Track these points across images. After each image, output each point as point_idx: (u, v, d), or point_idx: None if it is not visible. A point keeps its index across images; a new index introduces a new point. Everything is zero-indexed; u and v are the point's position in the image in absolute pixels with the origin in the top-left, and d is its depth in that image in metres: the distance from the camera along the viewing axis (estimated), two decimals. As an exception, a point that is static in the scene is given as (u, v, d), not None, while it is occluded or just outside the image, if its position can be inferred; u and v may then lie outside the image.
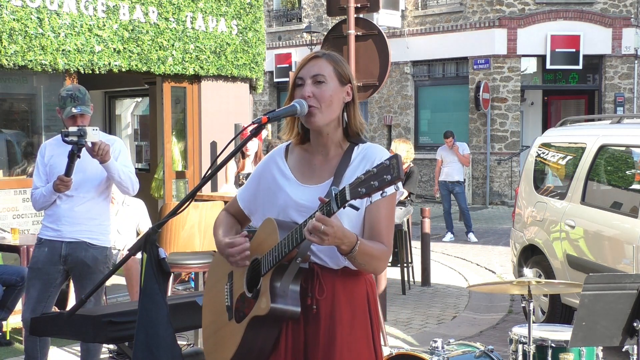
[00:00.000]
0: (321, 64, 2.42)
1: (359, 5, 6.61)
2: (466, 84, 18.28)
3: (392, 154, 2.06)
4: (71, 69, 7.10)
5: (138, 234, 6.63)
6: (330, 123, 2.41)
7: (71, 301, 5.79)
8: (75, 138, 4.16)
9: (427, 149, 18.28)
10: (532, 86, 18.54)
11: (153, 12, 7.80)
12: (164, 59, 7.88)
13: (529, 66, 18.27)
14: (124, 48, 7.51)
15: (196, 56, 8.24)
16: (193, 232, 5.48)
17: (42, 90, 7.96)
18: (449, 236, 12.34)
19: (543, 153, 6.92)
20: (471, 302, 7.73)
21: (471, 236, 12.23)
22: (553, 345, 3.78)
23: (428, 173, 17.94)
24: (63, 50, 6.98)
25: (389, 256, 2.40)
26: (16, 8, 6.65)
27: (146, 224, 6.65)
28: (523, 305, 6.25)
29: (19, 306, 5.55)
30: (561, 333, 3.91)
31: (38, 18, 6.80)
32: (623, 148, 6.00)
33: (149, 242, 2.67)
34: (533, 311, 3.86)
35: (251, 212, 2.59)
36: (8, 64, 6.61)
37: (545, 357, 3.78)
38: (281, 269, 2.28)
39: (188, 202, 2.59)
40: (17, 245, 5.97)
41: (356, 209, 2.10)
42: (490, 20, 17.78)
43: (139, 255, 2.71)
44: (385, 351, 3.57)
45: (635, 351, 3.29)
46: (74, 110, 4.32)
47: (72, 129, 4.18)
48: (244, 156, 6.52)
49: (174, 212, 2.58)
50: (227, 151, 2.60)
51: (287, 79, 15.31)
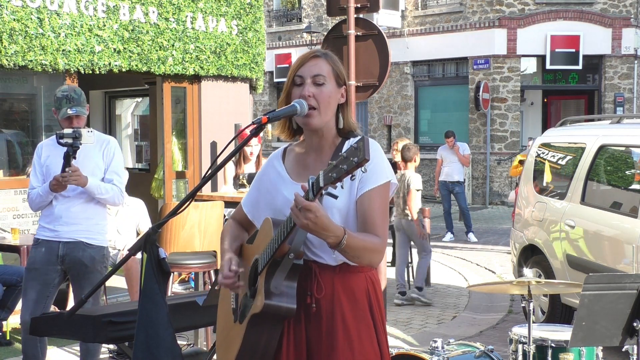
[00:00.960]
0: (321, 64, 2.43)
1: (359, 5, 6.61)
2: (466, 84, 18.28)
3: (360, 137, 2.05)
4: (71, 69, 7.10)
5: (138, 234, 6.63)
6: (326, 123, 2.43)
7: (71, 301, 5.79)
8: (70, 140, 4.17)
9: (427, 149, 18.27)
10: (532, 86, 18.54)
11: (153, 12, 7.80)
12: (164, 59, 7.89)
13: (529, 66, 18.27)
14: (124, 48, 7.51)
15: (196, 56, 8.24)
16: (193, 232, 5.48)
17: (42, 90, 7.96)
18: (449, 236, 12.34)
19: (543, 153, 6.92)
20: (471, 302, 7.73)
21: (471, 236, 12.23)
22: (553, 345, 3.78)
23: (428, 173, 17.93)
24: (63, 50, 6.98)
25: (384, 247, 2.39)
26: (16, 8, 6.65)
27: (146, 224, 6.65)
28: (523, 305, 6.26)
29: (19, 306, 5.54)
30: (561, 333, 3.91)
31: (38, 18, 6.80)
32: (623, 148, 6.00)
33: (149, 242, 2.67)
34: (533, 311, 3.86)
35: (255, 218, 2.59)
36: (8, 64, 6.62)
37: (545, 357, 3.78)
38: (274, 266, 2.29)
39: (188, 202, 2.59)
40: (17, 245, 5.98)
41: (334, 197, 2.09)
42: (490, 20, 17.78)
43: (139, 255, 2.71)
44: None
45: (635, 351, 3.29)
46: (70, 111, 4.31)
47: (67, 131, 4.19)
48: (246, 160, 6.46)
49: (174, 212, 2.59)
50: (227, 151, 2.60)
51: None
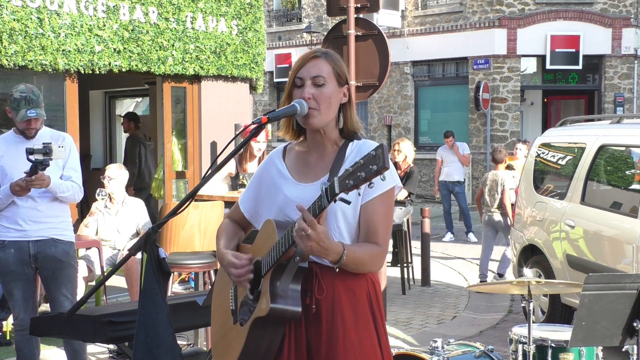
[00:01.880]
0: (321, 65, 2.41)
1: (359, 5, 6.61)
2: (466, 84, 18.28)
3: (378, 144, 2.05)
4: (71, 69, 7.10)
5: (138, 234, 6.63)
6: (327, 124, 2.41)
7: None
8: (40, 157, 4.09)
9: (427, 149, 18.28)
10: (532, 86, 18.53)
11: (153, 12, 7.80)
12: (164, 59, 7.88)
13: (529, 66, 18.26)
14: (124, 48, 7.51)
15: (196, 56, 8.24)
16: (193, 232, 5.48)
17: (42, 90, 7.93)
18: (449, 236, 12.34)
19: (543, 153, 6.92)
20: (471, 302, 7.73)
21: (471, 236, 12.23)
22: (553, 345, 3.78)
23: (428, 173, 17.93)
24: (63, 50, 6.98)
25: (384, 256, 2.39)
26: (16, 8, 6.65)
27: (146, 224, 6.65)
28: (523, 305, 6.25)
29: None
30: (561, 333, 3.91)
31: (38, 18, 6.80)
32: (623, 148, 6.00)
33: (149, 242, 2.67)
34: (533, 311, 3.86)
35: (253, 217, 2.58)
36: (8, 64, 6.61)
37: (545, 357, 3.78)
38: (280, 269, 2.27)
39: (188, 202, 2.59)
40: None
41: (347, 203, 2.09)
42: (490, 20, 17.78)
43: (139, 255, 2.71)
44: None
45: (635, 351, 3.29)
46: (29, 114, 4.26)
47: (38, 147, 4.10)
48: (251, 157, 6.39)
49: (174, 212, 2.58)
50: (227, 151, 2.60)
51: (287, 79, 15.35)
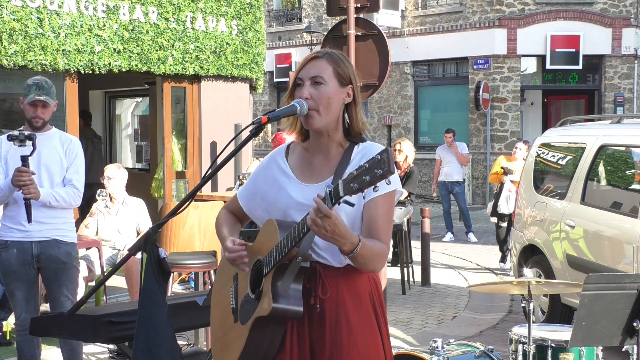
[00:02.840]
0: (321, 65, 2.40)
1: (359, 5, 6.61)
2: (466, 84, 18.28)
3: (383, 148, 2.05)
4: (71, 69, 7.10)
5: (138, 234, 6.64)
6: (329, 124, 2.39)
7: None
8: (17, 143, 4.17)
9: (427, 149, 18.28)
10: (532, 86, 18.54)
11: (153, 12, 7.80)
12: (164, 59, 7.88)
13: (529, 66, 18.27)
14: (124, 48, 7.51)
15: (196, 56, 8.24)
16: (193, 232, 5.48)
17: (42, 90, 7.95)
18: (449, 236, 12.34)
19: (543, 153, 6.92)
20: (471, 302, 7.73)
21: (471, 236, 12.23)
22: (553, 345, 3.78)
23: (428, 173, 17.93)
24: (63, 50, 6.98)
25: (387, 254, 2.40)
26: (16, 8, 6.65)
27: (146, 224, 6.65)
28: (523, 305, 6.25)
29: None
30: (561, 333, 3.91)
31: (38, 18, 6.80)
32: (623, 148, 6.00)
33: (149, 242, 2.67)
34: (533, 311, 3.86)
35: (250, 210, 2.58)
36: (8, 64, 6.61)
37: (545, 357, 3.78)
38: (282, 269, 2.27)
39: (188, 202, 2.59)
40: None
41: (351, 205, 2.09)
42: (490, 20, 17.78)
43: (139, 255, 2.71)
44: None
45: (635, 351, 3.29)
46: (38, 97, 4.30)
47: (14, 133, 4.17)
48: None
49: (174, 212, 2.58)
50: (227, 151, 2.59)
51: (287, 79, 15.29)
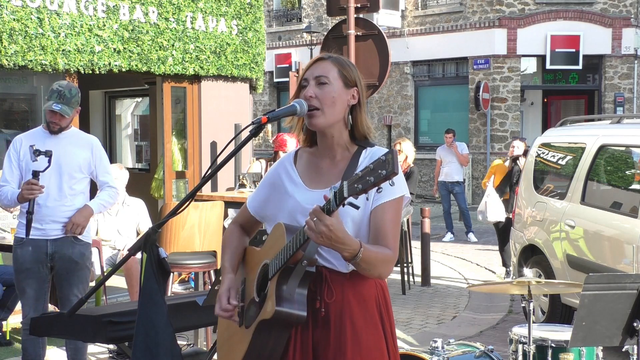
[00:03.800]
0: (326, 66, 2.41)
1: (359, 5, 6.62)
2: (466, 84, 18.28)
3: (388, 149, 2.05)
4: (71, 69, 7.10)
5: (138, 234, 6.64)
6: (334, 125, 2.39)
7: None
8: (39, 160, 4.23)
9: (427, 149, 18.28)
10: (532, 86, 18.54)
11: (153, 12, 7.80)
12: (164, 59, 7.88)
13: (529, 66, 18.27)
14: (124, 48, 7.51)
15: (196, 56, 8.24)
16: (193, 232, 5.48)
17: (42, 90, 7.96)
18: (449, 236, 12.34)
19: (543, 153, 6.92)
20: (471, 302, 7.73)
21: (471, 236, 12.23)
22: (553, 345, 3.78)
23: (428, 173, 17.93)
24: (63, 50, 6.98)
25: (395, 260, 2.36)
26: (16, 8, 6.65)
27: (146, 224, 6.65)
28: (523, 305, 6.25)
29: (19, 306, 5.54)
30: (561, 333, 3.91)
31: (38, 18, 6.80)
32: (623, 148, 6.00)
33: (149, 242, 2.67)
34: (533, 311, 3.86)
35: (262, 218, 2.57)
36: (8, 64, 6.62)
37: (545, 357, 3.78)
38: (287, 272, 2.26)
39: (188, 202, 2.59)
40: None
41: (356, 208, 2.08)
42: (490, 20, 17.78)
43: (139, 255, 2.71)
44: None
45: (635, 351, 3.29)
46: (54, 106, 4.31)
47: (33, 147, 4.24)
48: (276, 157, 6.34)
49: (174, 212, 2.58)
50: (227, 151, 2.59)
51: (287, 79, 15.30)
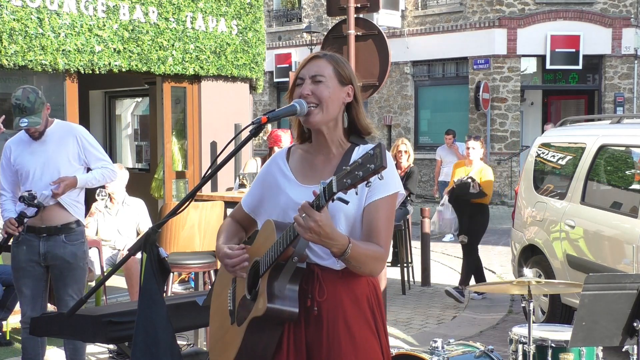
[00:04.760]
0: (321, 64, 2.42)
1: (359, 5, 6.61)
2: (466, 84, 18.28)
3: (376, 143, 2.04)
4: (71, 69, 7.10)
5: (138, 234, 6.64)
6: (328, 122, 2.41)
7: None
8: (27, 207, 4.27)
9: (427, 149, 18.28)
10: (532, 86, 18.54)
11: (153, 12, 7.80)
12: (164, 59, 7.88)
13: (529, 66, 18.27)
14: (124, 48, 7.51)
15: (196, 56, 8.24)
16: (193, 232, 5.48)
17: (42, 90, 7.92)
18: (449, 236, 12.32)
19: (543, 153, 6.92)
20: (471, 302, 7.73)
21: (471, 236, 12.20)
22: (553, 345, 3.78)
23: (428, 173, 17.93)
24: (63, 50, 6.98)
25: (386, 258, 2.38)
26: (16, 8, 6.65)
27: (146, 224, 6.65)
28: (523, 305, 6.25)
29: (19, 306, 5.55)
30: (561, 333, 3.91)
31: (38, 18, 6.80)
32: (623, 148, 6.00)
33: (149, 242, 2.67)
34: (533, 311, 3.86)
35: (257, 216, 2.57)
36: (8, 64, 6.61)
37: (545, 357, 3.78)
38: (278, 269, 2.27)
39: (188, 202, 2.59)
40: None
41: (345, 202, 2.08)
42: (490, 20, 17.78)
43: (139, 255, 2.71)
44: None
45: (635, 351, 3.29)
46: (21, 124, 4.30)
47: (25, 195, 4.25)
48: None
49: (174, 212, 2.58)
50: (227, 151, 2.60)
51: (287, 79, 15.28)
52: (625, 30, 17.64)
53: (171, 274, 5.73)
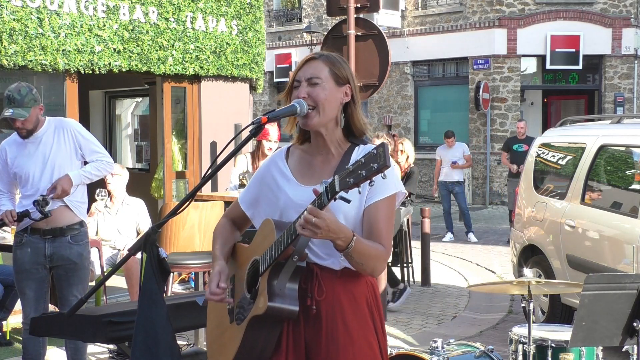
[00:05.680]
0: (317, 66, 2.42)
1: (359, 5, 6.62)
2: (466, 84, 18.28)
3: (379, 143, 2.05)
4: (71, 69, 7.10)
5: (138, 234, 6.63)
6: (327, 124, 2.41)
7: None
8: (37, 210, 4.20)
9: (427, 149, 18.27)
10: (532, 86, 18.53)
11: (153, 12, 7.80)
12: (164, 59, 7.88)
13: (529, 66, 18.27)
14: (124, 48, 7.51)
15: (196, 56, 8.24)
16: (193, 232, 5.48)
17: (42, 90, 7.94)
18: (449, 236, 12.33)
19: (543, 153, 6.92)
20: (471, 302, 7.73)
21: (471, 236, 12.23)
22: (553, 345, 3.78)
23: (428, 173, 17.93)
24: (63, 50, 6.98)
25: (387, 257, 2.38)
26: (16, 8, 6.65)
27: (146, 224, 6.65)
28: (523, 305, 6.25)
29: (19, 306, 5.55)
30: (561, 333, 3.91)
31: (38, 18, 6.80)
32: (623, 148, 6.00)
33: (149, 242, 2.67)
34: (533, 311, 3.86)
35: (254, 215, 2.58)
36: (8, 64, 6.61)
37: (545, 357, 3.78)
38: (278, 268, 2.27)
39: (188, 202, 2.59)
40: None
41: (347, 202, 2.08)
42: (490, 20, 17.78)
43: (139, 255, 2.71)
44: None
45: (635, 351, 3.29)
46: (5, 113, 4.26)
47: (39, 199, 4.19)
48: (263, 157, 6.33)
49: (174, 212, 2.59)
50: (227, 151, 2.60)
51: (287, 79, 15.36)
52: (625, 30, 17.64)
53: (171, 274, 5.73)
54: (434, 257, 9.81)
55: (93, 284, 6.34)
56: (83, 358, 4.62)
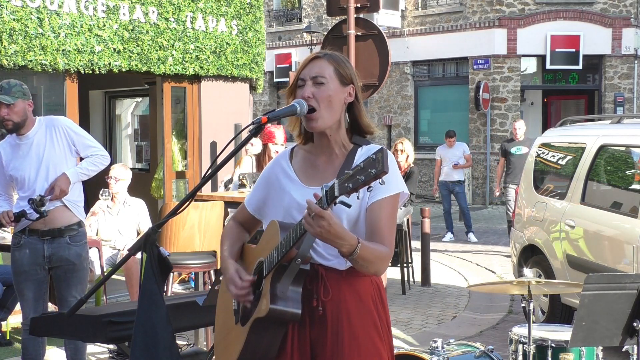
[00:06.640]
0: (322, 65, 2.41)
1: (359, 5, 6.62)
2: (466, 84, 18.27)
3: (379, 148, 2.04)
4: (71, 69, 7.10)
5: (138, 234, 6.64)
6: (332, 124, 2.39)
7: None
8: (33, 209, 4.21)
9: (427, 149, 18.27)
10: (532, 86, 18.53)
11: (153, 12, 7.80)
12: (164, 59, 7.88)
13: (529, 66, 18.26)
14: (124, 48, 7.51)
15: (196, 56, 8.24)
16: (193, 232, 5.48)
17: (42, 90, 7.96)
18: (449, 236, 12.33)
19: (543, 153, 6.92)
20: (471, 302, 7.73)
21: (471, 236, 12.23)
22: (553, 345, 3.78)
23: (428, 173, 17.93)
24: (63, 50, 6.98)
25: (390, 258, 2.38)
26: (16, 8, 6.65)
27: (146, 224, 6.65)
28: (523, 305, 6.25)
29: (19, 306, 5.55)
30: (561, 333, 3.91)
31: (38, 18, 6.80)
32: (623, 148, 6.00)
33: (149, 242, 2.67)
34: (533, 311, 3.86)
35: (262, 217, 2.57)
36: (8, 64, 6.61)
37: (545, 357, 3.78)
38: (281, 270, 2.27)
39: (188, 202, 2.59)
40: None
41: (347, 206, 2.08)
42: (490, 20, 17.78)
43: (139, 255, 2.70)
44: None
45: (635, 351, 3.29)
46: None
47: (36, 198, 4.20)
48: (270, 159, 6.35)
49: (174, 212, 2.58)
50: (227, 151, 2.59)
51: (287, 79, 15.26)
52: (625, 30, 17.64)
53: (171, 274, 5.73)
54: (434, 257, 9.81)
55: (93, 284, 6.35)
56: (83, 358, 4.62)
